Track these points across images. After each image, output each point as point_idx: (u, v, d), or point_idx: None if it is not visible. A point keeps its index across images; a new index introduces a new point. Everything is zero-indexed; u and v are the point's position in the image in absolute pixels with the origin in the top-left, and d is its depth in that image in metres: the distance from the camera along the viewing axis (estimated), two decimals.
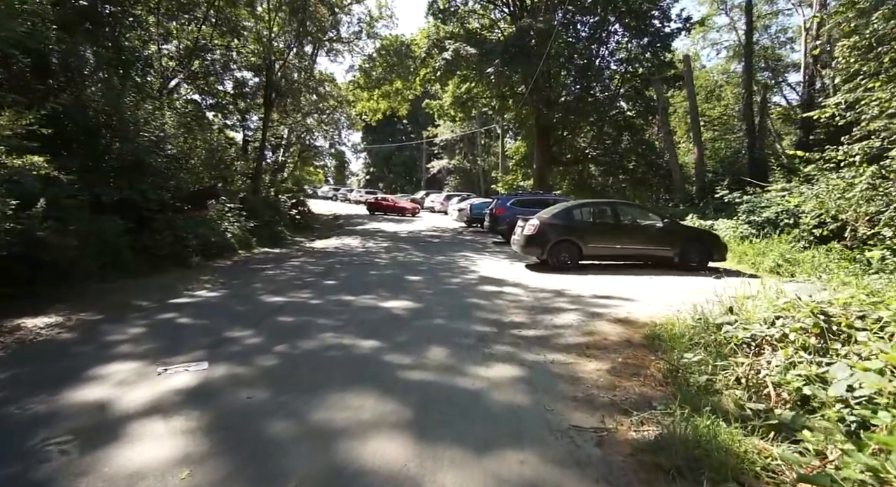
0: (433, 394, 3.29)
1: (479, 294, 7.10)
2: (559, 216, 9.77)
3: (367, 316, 5.62)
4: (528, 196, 16.68)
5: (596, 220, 9.87)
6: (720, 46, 32.79)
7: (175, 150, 9.96)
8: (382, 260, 11.04)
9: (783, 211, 12.37)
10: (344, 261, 10.81)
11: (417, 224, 24.40)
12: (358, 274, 8.91)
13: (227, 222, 12.83)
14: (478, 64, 22.89)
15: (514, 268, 9.90)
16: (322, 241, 16.48)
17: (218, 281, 8.16)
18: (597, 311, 5.90)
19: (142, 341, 4.49)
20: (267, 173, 18.48)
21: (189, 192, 10.20)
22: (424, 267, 9.93)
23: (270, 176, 18.89)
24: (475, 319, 5.57)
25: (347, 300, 6.52)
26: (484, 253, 12.70)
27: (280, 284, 7.78)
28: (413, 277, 8.64)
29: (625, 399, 3.17)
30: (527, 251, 9.84)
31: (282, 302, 6.41)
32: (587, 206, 10.17)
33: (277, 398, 3.17)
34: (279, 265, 10.32)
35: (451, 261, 10.93)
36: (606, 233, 9.61)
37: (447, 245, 15.03)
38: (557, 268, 9.40)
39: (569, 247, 9.47)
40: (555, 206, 10.76)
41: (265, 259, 11.38)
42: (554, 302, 6.50)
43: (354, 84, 26.43)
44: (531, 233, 9.53)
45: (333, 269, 9.60)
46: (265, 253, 12.69)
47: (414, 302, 6.48)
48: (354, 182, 66.93)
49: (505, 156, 36.00)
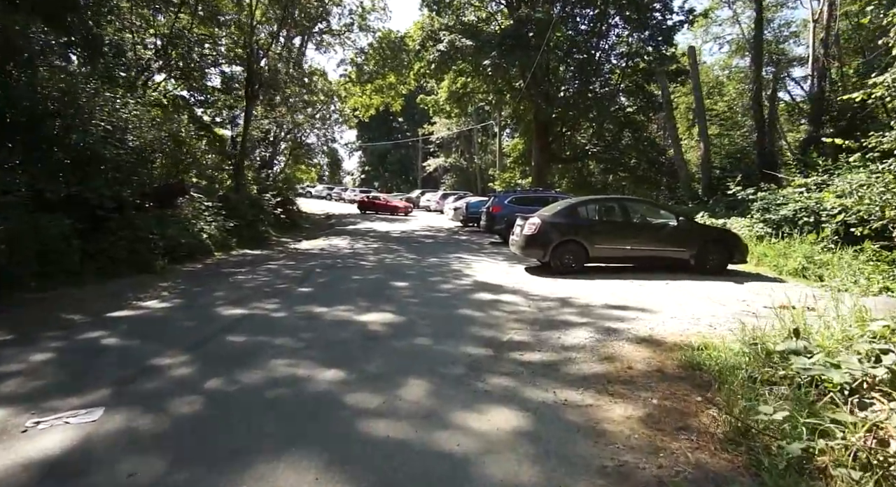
0: (402, 466, 2.33)
1: (472, 303, 6.14)
2: (562, 214, 8.81)
3: (336, 335, 4.64)
4: (527, 193, 15.72)
5: (603, 219, 8.91)
6: (723, 40, 31.86)
7: (138, 142, 8.95)
8: (369, 263, 10.06)
9: (803, 208, 11.45)
10: (326, 264, 9.83)
11: (412, 223, 23.43)
12: (338, 280, 7.93)
13: (203, 222, 11.86)
14: (474, 56, 21.94)
15: (513, 272, 8.94)
16: (309, 242, 15.52)
17: (178, 289, 7.18)
18: (612, 327, 4.94)
19: (37, 374, 3.51)
20: (250, 170, 17.45)
21: (154, 189, 9.20)
22: (413, 271, 8.96)
23: (254, 173, 17.85)
24: (467, 337, 4.60)
25: (318, 312, 5.55)
26: (480, 255, 11.74)
27: (245, 292, 6.80)
28: (399, 283, 7.66)
29: (676, 473, 2.21)
30: (527, 253, 8.88)
31: (239, 315, 5.44)
32: (593, 203, 9.21)
33: (171, 475, 2.20)
34: (254, 269, 9.34)
35: (444, 264, 9.96)
36: (615, 232, 8.65)
37: (441, 245, 14.06)
38: (561, 272, 8.45)
39: (573, 249, 8.51)
40: (557, 204, 9.80)
41: (241, 261, 10.40)
42: (560, 314, 5.55)
43: (346, 78, 25.42)
44: (532, 233, 8.57)
45: (312, 274, 8.62)
46: (244, 254, 11.71)
47: (396, 314, 5.52)
48: (350, 181, 65.94)
49: (502, 153, 35.06)
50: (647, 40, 22.48)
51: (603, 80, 24.80)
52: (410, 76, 25.85)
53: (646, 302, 6.12)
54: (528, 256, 9.14)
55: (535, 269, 9.12)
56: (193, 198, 12.35)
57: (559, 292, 6.90)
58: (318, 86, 23.92)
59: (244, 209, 14.68)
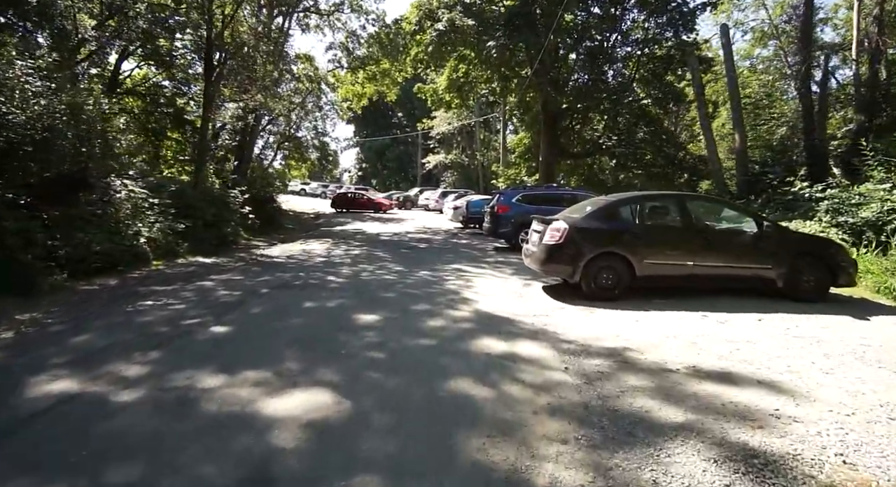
0: None
1: (473, 365, 3.73)
2: (598, 217, 6.41)
3: (190, 469, 2.27)
4: (539, 190, 13.28)
5: (655, 223, 6.51)
6: (745, 26, 29.26)
7: (23, 117, 6.57)
8: (337, 280, 7.67)
9: (891, 209, 9.04)
10: (281, 282, 7.44)
11: (406, 224, 21.06)
12: (280, 311, 5.53)
13: (141, 223, 9.53)
14: (477, 37, 19.55)
15: (529, 295, 6.55)
16: (283, 247, 13.18)
17: (37, 324, 4.86)
18: (746, 442, 2.55)
19: None
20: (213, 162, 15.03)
21: (43, 181, 6.81)
22: (393, 294, 6.55)
23: (216, 165, 15.43)
24: (461, 473, 2.23)
25: (199, 391, 3.15)
26: (482, 266, 9.35)
27: (122, 337, 4.38)
28: (367, 316, 5.25)
29: None
30: (548, 269, 6.49)
31: (57, 397, 3.05)
32: (641, 202, 6.74)
33: None
34: (183, 287, 6.96)
35: (436, 281, 7.57)
36: (672, 242, 6.25)
37: (436, 252, 11.68)
38: (597, 297, 6.05)
39: (614, 265, 6.11)
40: (588, 203, 7.38)
41: (177, 275, 8.03)
42: (625, 396, 3.14)
43: (335, 62, 23.00)
44: (556, 243, 6.18)
45: (252, 298, 6.22)
46: (190, 264, 9.39)
47: (337, 395, 3.11)
48: (348, 178, 63.54)
49: (507, 148, 32.63)
50: (665, 25, 20.30)
51: (616, 69, 22.56)
52: (406, 62, 23.41)
53: (761, 365, 3.71)
54: (549, 273, 6.74)
55: (557, 290, 6.73)
56: (133, 194, 10.05)
57: (604, 335, 4.50)
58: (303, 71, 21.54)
59: (204, 207, 12.33)
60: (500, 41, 18.71)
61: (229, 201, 13.81)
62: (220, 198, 13.60)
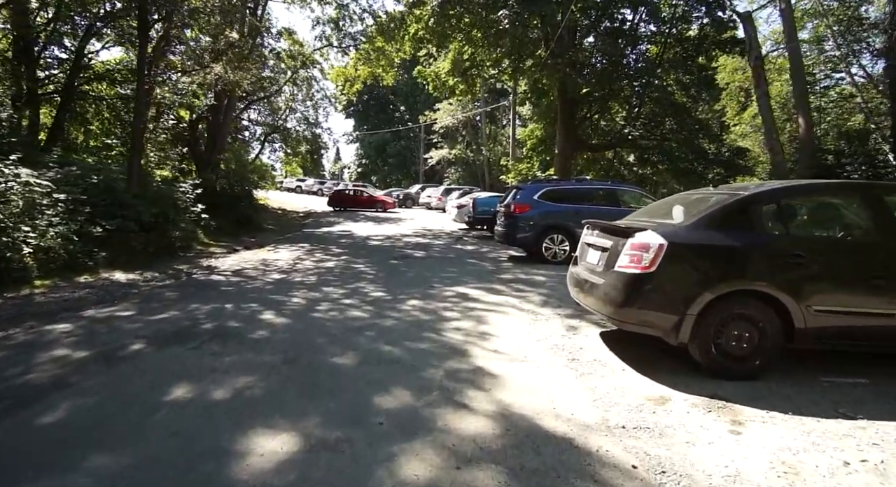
0: None
1: None
2: (716, 223, 3.55)
3: None
4: (567, 185, 10.35)
5: (828, 236, 3.69)
6: None
7: None
8: (274, 322, 4.84)
9: None
10: (187, 323, 4.65)
11: (403, 225, 18.31)
12: (82, 430, 2.74)
13: (30, 227, 6.87)
14: (484, 8, 16.75)
15: (588, 361, 3.72)
16: (242, 255, 10.48)
17: None
18: None
19: None
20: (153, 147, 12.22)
21: None
22: (350, 362, 3.72)
23: (158, 151, 12.64)
24: None
25: None
26: (498, 287, 6.52)
27: None
28: (269, 442, 2.46)
29: None
30: (628, 316, 3.60)
31: None
32: (793, 196, 3.85)
33: None
34: (7, 335, 4.22)
35: (430, 323, 4.74)
36: (866, 270, 3.42)
37: (435, 265, 8.87)
38: (720, 371, 3.26)
39: (754, 313, 3.30)
40: (677, 200, 4.50)
41: (26, 308, 5.26)
42: None
43: (323, 39, 20.19)
44: (644, 271, 3.36)
45: (79, 378, 3.43)
46: (90, 284, 6.68)
47: None
48: (347, 175, 60.82)
49: (516, 141, 29.76)
50: (695, 2, 17.60)
51: (640, 51, 19.81)
52: (405, 41, 20.59)
53: None
54: (629, 325, 3.79)
55: (630, 344, 3.90)
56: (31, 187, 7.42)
57: None
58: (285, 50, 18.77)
59: (137, 205, 9.59)
60: (512, 10, 15.92)
61: (178, 197, 11.06)
62: (167, 194, 10.85)
